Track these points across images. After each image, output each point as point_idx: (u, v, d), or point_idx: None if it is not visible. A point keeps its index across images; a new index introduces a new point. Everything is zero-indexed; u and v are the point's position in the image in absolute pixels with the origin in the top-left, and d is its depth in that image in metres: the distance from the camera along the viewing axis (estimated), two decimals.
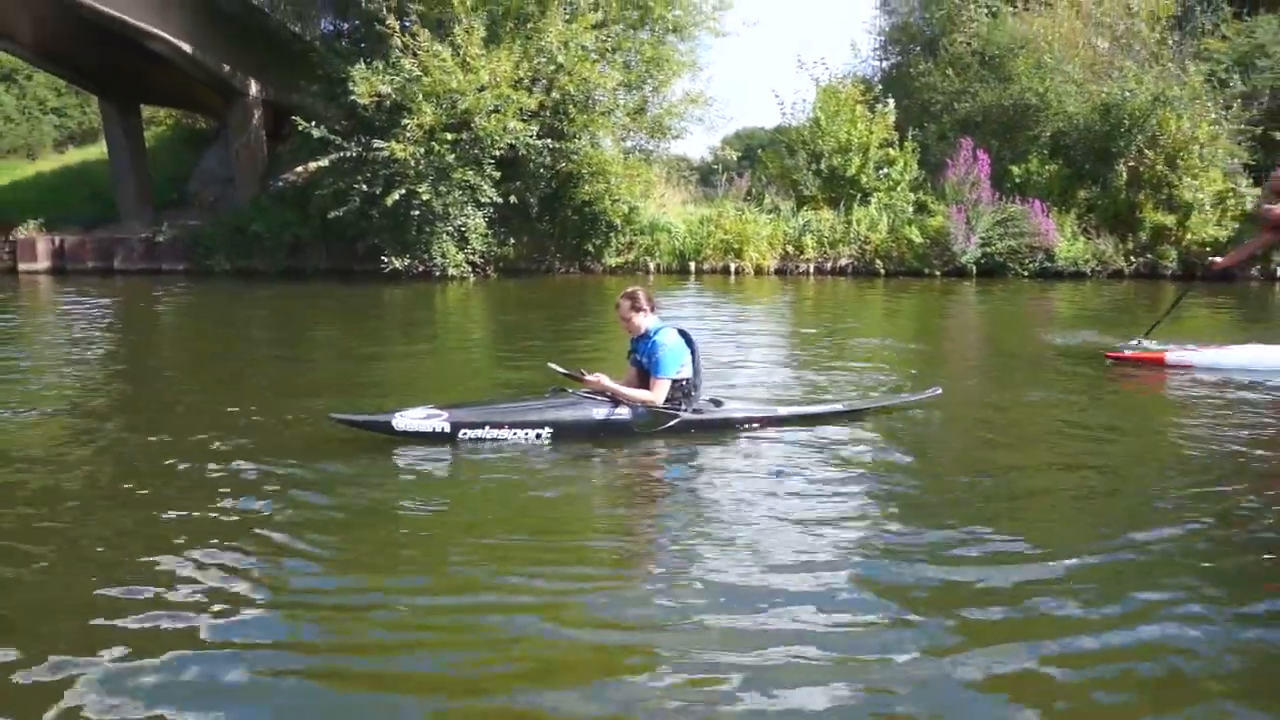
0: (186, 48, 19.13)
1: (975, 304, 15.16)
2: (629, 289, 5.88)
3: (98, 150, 25.62)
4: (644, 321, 5.75)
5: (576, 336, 11.00)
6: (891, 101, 20.14)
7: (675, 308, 13.77)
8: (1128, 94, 17.99)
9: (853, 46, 39.54)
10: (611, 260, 19.79)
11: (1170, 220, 17.93)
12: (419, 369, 8.95)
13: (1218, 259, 9.55)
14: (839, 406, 6.25)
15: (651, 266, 19.87)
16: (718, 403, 6.00)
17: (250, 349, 10.93)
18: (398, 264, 17.68)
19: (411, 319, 13.62)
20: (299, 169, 20.34)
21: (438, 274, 18.00)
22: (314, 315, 13.85)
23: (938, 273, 18.55)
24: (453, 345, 11.00)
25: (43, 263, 21.27)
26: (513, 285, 18.08)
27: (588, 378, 5.70)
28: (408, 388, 7.58)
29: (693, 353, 5.72)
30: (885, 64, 24.50)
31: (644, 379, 5.76)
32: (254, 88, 21.59)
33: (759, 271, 19.46)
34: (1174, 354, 8.26)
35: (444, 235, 17.81)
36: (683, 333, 5.79)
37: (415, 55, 16.82)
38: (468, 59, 16.88)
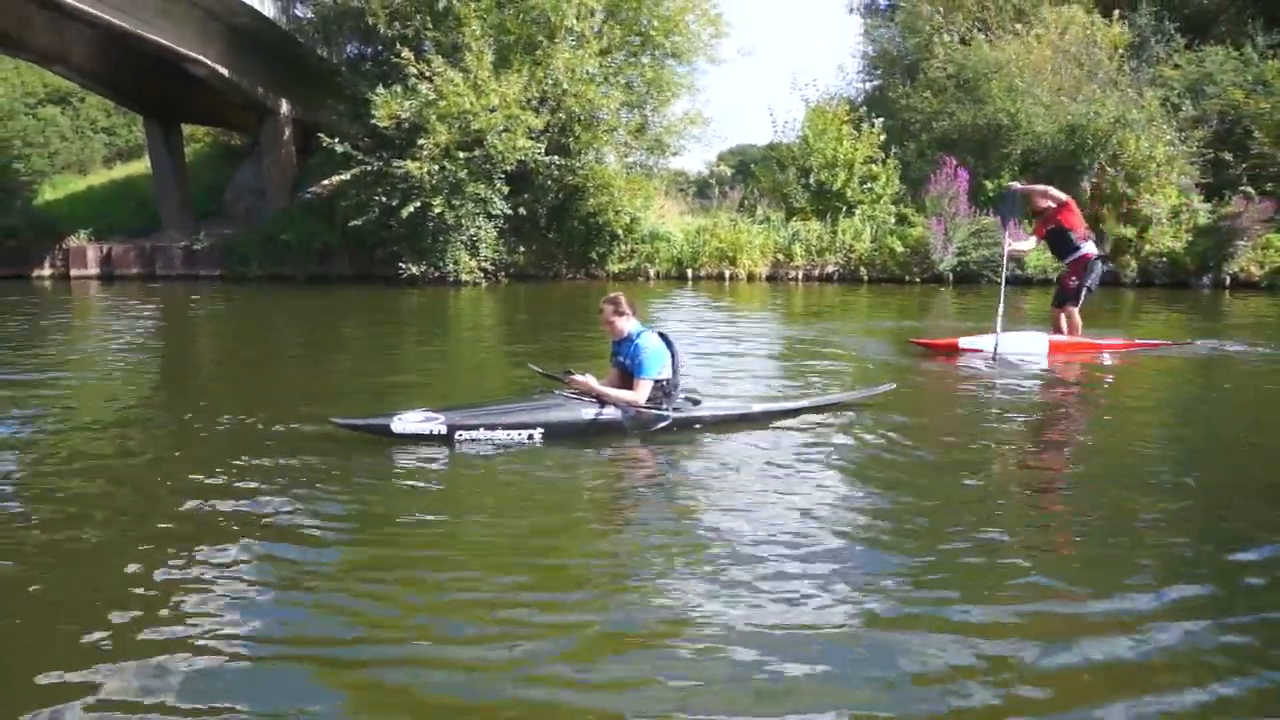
0: (224, 71, 20.04)
1: (951, 308, 15.53)
2: (610, 295, 5.94)
3: (142, 165, 26.33)
4: (626, 325, 5.83)
5: (576, 337, 11.30)
6: (880, 122, 20.65)
7: (673, 311, 14.30)
8: (1092, 116, 18.60)
9: (840, 70, 39.92)
10: (615, 267, 20.40)
11: (1130, 232, 18.41)
12: (430, 369, 9.11)
13: (1017, 185, 10.05)
14: (805, 403, 6.46)
15: (652, 273, 20.47)
16: (695, 400, 6.07)
17: (276, 350, 11.18)
18: (414, 270, 18.51)
19: (426, 322, 14.06)
20: (325, 182, 21.04)
21: (451, 280, 18.73)
22: (337, 317, 14.33)
23: (917, 279, 19.03)
24: (463, 346, 11.28)
25: (92, 269, 22.31)
26: (522, 290, 18.67)
27: (574, 378, 5.71)
28: (419, 387, 7.67)
29: (672, 355, 5.80)
30: (869, 86, 25.05)
31: (626, 380, 5.81)
32: (285, 107, 22.53)
33: (751, 278, 19.97)
34: (964, 340, 9.25)
35: (457, 244, 18.60)
36: (663, 335, 5.86)
37: (430, 80, 17.64)
38: (479, 82, 17.67)
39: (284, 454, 5.36)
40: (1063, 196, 9.28)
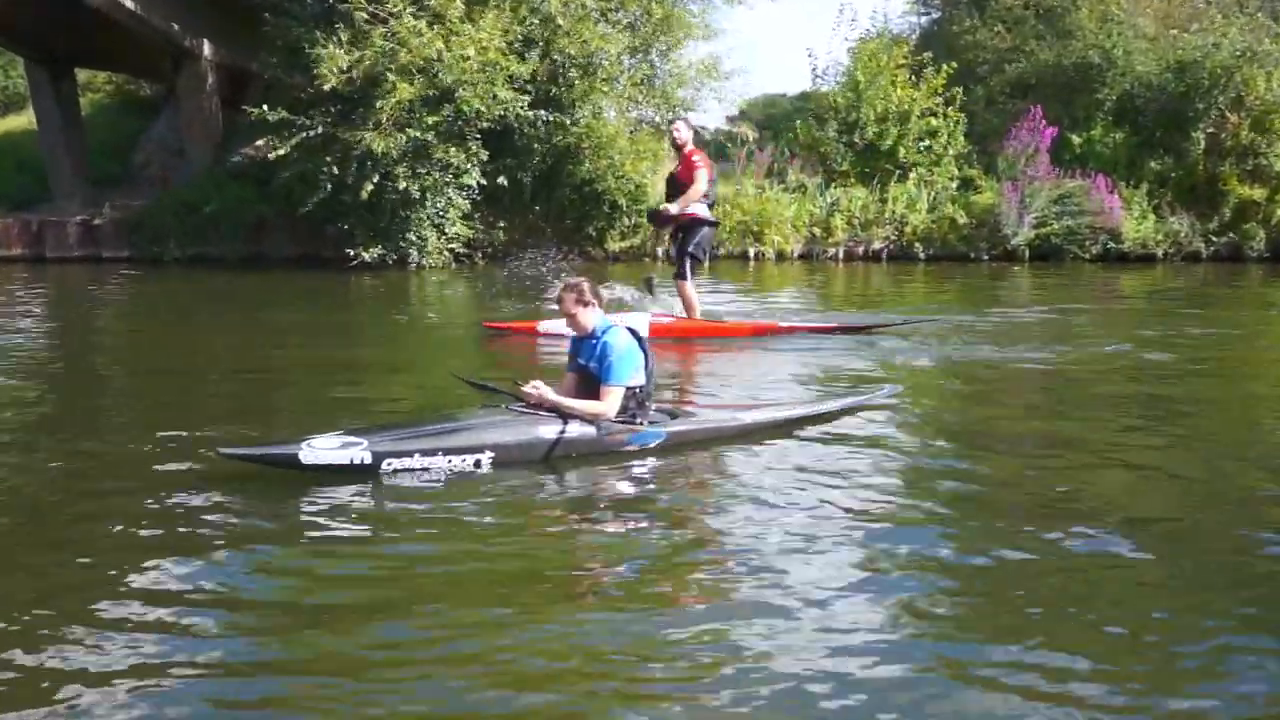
0: (129, 4, 18.28)
1: (1028, 292, 14.85)
2: (572, 280, 5.77)
3: (25, 120, 25.03)
4: (590, 318, 5.55)
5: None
6: (945, 67, 19.55)
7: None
8: (1209, 49, 17.60)
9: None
10: (616, 245, 19.20)
11: (1258, 194, 17.63)
12: (378, 374, 8.68)
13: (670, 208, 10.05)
14: (801, 411, 6.34)
15: (660, 252, 18.76)
16: (672, 414, 5.83)
17: (193, 354, 10.32)
18: (367, 255, 17.08)
19: (378, 317, 13.14)
20: (260, 142, 19.44)
21: (414, 264, 17.52)
22: (271, 309, 13.39)
23: (985, 256, 18.30)
24: (421, 345, 10.85)
25: None
26: (500, 273, 17.47)
27: (525, 389, 5.40)
28: (360, 398, 7.36)
29: (645, 356, 5.55)
30: (923, 20, 24.09)
31: (586, 387, 5.51)
32: (207, 49, 20.85)
33: (781, 257, 19.03)
34: (543, 325, 9.76)
35: (422, 220, 17.24)
36: (632, 332, 5.62)
37: (386, 23, 15.95)
38: (450, 25, 16.13)
39: (184, 492, 4.95)
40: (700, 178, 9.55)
